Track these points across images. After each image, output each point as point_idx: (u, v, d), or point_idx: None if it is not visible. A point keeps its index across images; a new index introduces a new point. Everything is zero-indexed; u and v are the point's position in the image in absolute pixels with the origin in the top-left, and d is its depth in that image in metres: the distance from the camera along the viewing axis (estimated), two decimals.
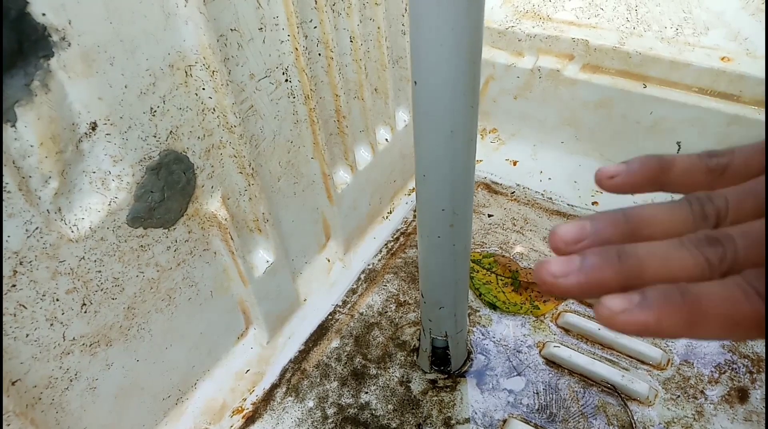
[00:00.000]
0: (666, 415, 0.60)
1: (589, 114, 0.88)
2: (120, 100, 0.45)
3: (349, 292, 0.76)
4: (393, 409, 0.63)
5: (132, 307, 0.53)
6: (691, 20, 0.83)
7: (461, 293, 0.57)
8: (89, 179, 0.46)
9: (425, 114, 0.42)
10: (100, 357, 0.51)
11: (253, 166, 0.58)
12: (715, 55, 0.77)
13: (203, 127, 0.53)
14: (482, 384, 0.64)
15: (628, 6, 0.88)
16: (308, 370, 0.67)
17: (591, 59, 0.85)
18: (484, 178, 0.92)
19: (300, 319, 0.73)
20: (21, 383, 0.45)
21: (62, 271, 0.45)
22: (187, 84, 0.50)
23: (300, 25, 0.58)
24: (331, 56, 0.64)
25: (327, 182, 0.72)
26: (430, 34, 0.38)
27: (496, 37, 0.92)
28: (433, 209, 0.49)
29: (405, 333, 0.71)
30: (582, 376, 0.64)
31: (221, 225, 0.58)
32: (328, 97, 0.67)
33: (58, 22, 0.39)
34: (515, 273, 0.76)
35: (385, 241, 0.83)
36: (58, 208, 0.44)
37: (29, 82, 0.39)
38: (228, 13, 0.52)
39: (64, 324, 0.47)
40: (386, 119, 0.80)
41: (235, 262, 0.62)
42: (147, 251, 0.52)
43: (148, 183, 0.49)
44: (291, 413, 0.63)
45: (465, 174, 0.46)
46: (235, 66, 0.54)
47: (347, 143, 0.72)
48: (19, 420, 0.45)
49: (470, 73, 0.40)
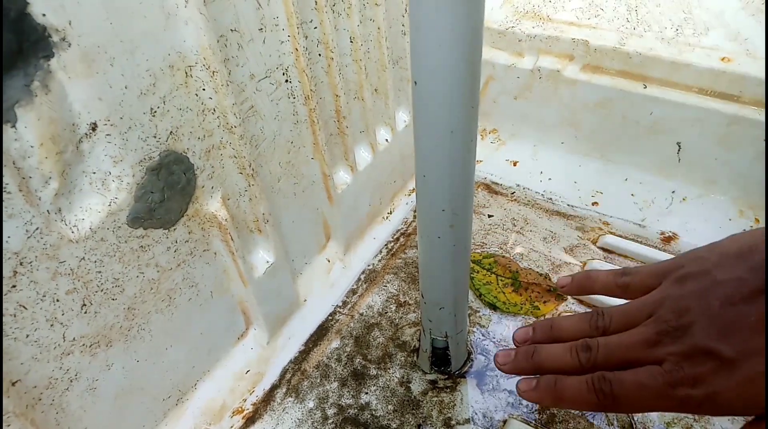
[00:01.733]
0: (666, 415, 0.60)
1: (590, 114, 0.88)
2: (120, 100, 0.45)
3: (349, 292, 0.76)
4: (393, 410, 0.63)
5: (132, 307, 0.53)
6: (691, 21, 0.83)
7: (461, 294, 0.57)
8: (89, 180, 0.46)
9: (425, 114, 0.42)
10: (100, 357, 0.51)
11: (253, 167, 0.58)
12: (715, 55, 0.77)
13: (203, 128, 0.53)
14: (482, 384, 0.64)
15: (628, 6, 0.88)
16: (308, 371, 0.67)
17: (591, 60, 0.85)
18: (484, 178, 0.92)
19: (300, 319, 0.73)
20: (21, 384, 0.45)
21: (62, 272, 0.45)
22: (187, 84, 0.50)
23: (300, 26, 0.58)
24: (331, 57, 0.64)
25: (327, 183, 0.72)
26: (430, 35, 0.38)
27: (496, 38, 0.92)
28: (433, 210, 0.48)
29: (405, 333, 0.71)
30: None
31: (221, 225, 0.58)
32: (328, 98, 0.67)
33: (58, 23, 0.39)
34: (515, 273, 0.76)
35: (385, 241, 0.83)
36: (58, 208, 0.44)
37: (29, 82, 0.39)
38: (228, 14, 0.52)
39: (64, 324, 0.47)
40: (386, 120, 0.80)
41: (235, 263, 0.62)
42: (147, 252, 0.52)
43: (149, 183, 0.49)
44: (291, 414, 0.63)
45: (465, 174, 0.46)
46: (236, 66, 0.54)
47: (347, 144, 0.72)
48: (19, 420, 0.45)
49: (470, 74, 0.40)
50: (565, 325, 0.39)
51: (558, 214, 0.85)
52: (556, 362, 0.37)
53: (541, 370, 0.37)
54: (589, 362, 0.35)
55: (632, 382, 0.32)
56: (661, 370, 0.31)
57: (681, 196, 0.84)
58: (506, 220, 0.85)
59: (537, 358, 0.38)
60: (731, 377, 0.29)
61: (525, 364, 0.38)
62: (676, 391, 0.30)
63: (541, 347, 0.38)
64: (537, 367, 0.38)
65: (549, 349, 0.38)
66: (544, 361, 0.37)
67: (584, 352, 0.35)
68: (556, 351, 0.37)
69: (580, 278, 0.43)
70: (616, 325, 0.36)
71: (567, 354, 0.36)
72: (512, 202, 0.88)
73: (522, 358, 0.39)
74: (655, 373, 0.31)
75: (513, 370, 0.39)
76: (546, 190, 0.89)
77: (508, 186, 0.91)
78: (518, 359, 0.39)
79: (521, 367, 0.39)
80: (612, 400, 0.32)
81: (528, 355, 0.38)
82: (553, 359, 0.37)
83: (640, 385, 0.31)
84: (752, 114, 0.75)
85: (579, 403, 0.34)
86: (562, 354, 0.37)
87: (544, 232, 0.82)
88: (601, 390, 0.33)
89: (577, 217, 0.84)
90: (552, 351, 0.37)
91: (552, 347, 0.38)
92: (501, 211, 0.86)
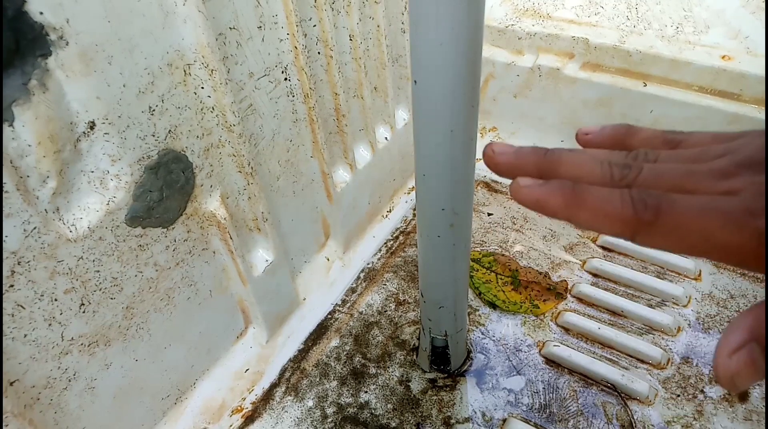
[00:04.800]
0: (666, 414, 0.60)
1: (589, 112, 0.88)
2: (118, 99, 0.45)
3: (348, 291, 0.76)
4: (392, 409, 0.62)
5: (131, 306, 0.53)
6: (691, 18, 0.83)
7: (461, 292, 0.57)
8: (87, 179, 0.45)
9: (425, 113, 0.42)
10: (99, 357, 0.51)
11: (252, 165, 0.58)
12: (715, 53, 0.77)
13: (202, 126, 0.53)
14: (482, 383, 0.64)
15: (628, 4, 0.87)
16: (307, 370, 0.67)
17: (591, 57, 0.85)
18: (484, 176, 0.92)
19: (299, 318, 0.73)
20: (19, 383, 0.45)
21: (60, 271, 0.45)
22: (185, 83, 0.50)
23: (299, 24, 0.58)
24: (331, 55, 0.64)
25: (326, 181, 0.72)
26: (429, 33, 0.37)
27: (496, 36, 0.92)
28: (433, 208, 0.48)
29: (404, 332, 0.70)
30: (582, 375, 0.64)
31: (220, 224, 0.57)
32: (328, 96, 0.67)
33: (56, 21, 0.39)
34: (515, 272, 0.76)
35: (385, 240, 0.83)
36: (56, 207, 0.44)
37: (27, 81, 0.39)
38: (227, 12, 0.51)
39: (62, 324, 0.47)
40: (386, 118, 0.80)
41: (234, 262, 0.61)
42: (146, 251, 0.52)
43: (147, 182, 0.49)
44: (290, 412, 0.63)
45: (465, 173, 0.46)
46: (234, 65, 0.54)
47: (346, 142, 0.72)
48: (17, 420, 0.45)
49: (470, 72, 0.40)
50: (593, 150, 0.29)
51: None
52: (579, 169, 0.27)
53: (555, 173, 0.27)
54: (625, 180, 0.25)
55: (691, 203, 0.23)
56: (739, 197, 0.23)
57: None
58: (506, 219, 0.84)
59: (552, 158, 0.27)
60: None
61: (534, 161, 0.28)
62: (756, 220, 0.22)
63: (560, 149, 0.28)
64: (549, 167, 0.27)
65: (571, 153, 0.27)
66: (563, 165, 0.27)
67: (621, 167, 0.26)
68: (580, 157, 0.27)
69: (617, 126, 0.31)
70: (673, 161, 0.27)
71: (596, 164, 0.26)
72: (512, 201, 0.88)
73: (531, 151, 0.28)
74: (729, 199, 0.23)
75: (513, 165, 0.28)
76: None
77: (508, 184, 0.90)
78: (523, 152, 0.28)
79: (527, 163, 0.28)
80: (654, 217, 0.23)
81: (539, 152, 0.28)
82: (577, 167, 0.27)
83: (703, 207, 0.23)
84: (752, 112, 0.75)
85: (605, 215, 0.24)
86: (589, 161, 0.27)
87: (543, 230, 0.82)
88: (642, 201, 0.23)
89: None
90: (575, 156, 0.27)
91: (575, 152, 0.28)
92: (500, 210, 0.86)
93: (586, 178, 0.26)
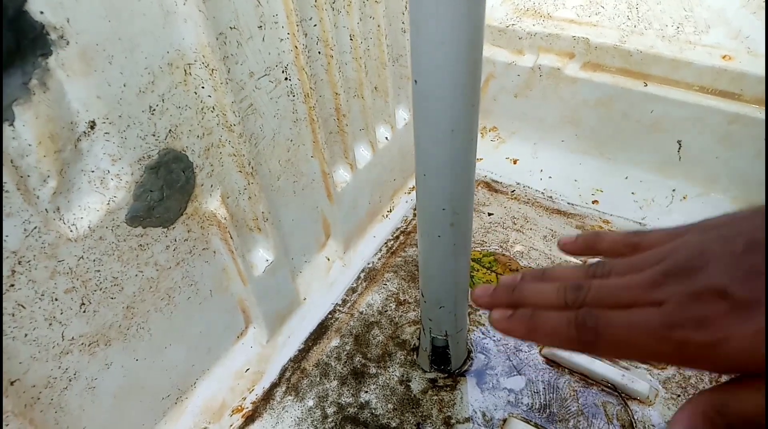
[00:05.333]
0: (667, 414, 0.60)
1: (590, 112, 0.88)
2: (119, 98, 0.45)
3: (348, 290, 0.76)
4: (393, 408, 0.62)
5: (131, 306, 0.53)
6: (692, 18, 0.83)
7: (461, 292, 0.57)
8: (88, 178, 0.45)
9: (426, 113, 0.42)
10: (99, 356, 0.51)
11: (252, 165, 0.58)
12: (716, 53, 0.77)
13: (202, 126, 0.53)
14: (482, 383, 0.64)
15: (629, 4, 0.87)
16: (308, 369, 0.67)
17: (592, 57, 0.85)
18: (485, 176, 0.92)
19: (300, 318, 0.73)
20: (20, 383, 0.45)
21: (61, 271, 0.45)
22: (186, 82, 0.50)
23: (299, 23, 0.58)
24: (331, 54, 0.64)
25: (327, 181, 0.72)
26: (430, 33, 0.37)
27: (497, 35, 0.92)
28: (434, 208, 0.48)
29: (405, 332, 0.70)
30: (582, 375, 0.64)
31: (220, 224, 0.57)
32: (328, 96, 0.67)
33: (57, 21, 0.39)
34: (515, 272, 0.76)
35: (385, 239, 0.83)
36: (56, 207, 0.44)
37: (27, 80, 0.39)
38: (227, 11, 0.51)
39: (62, 323, 0.47)
40: (386, 118, 0.80)
41: (235, 261, 0.61)
42: (146, 250, 0.52)
43: (147, 182, 0.49)
44: (291, 412, 0.63)
45: (465, 173, 0.46)
46: (235, 64, 0.54)
47: (347, 142, 0.72)
48: (17, 420, 0.45)
49: (471, 72, 0.40)
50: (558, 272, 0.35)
51: (558, 212, 0.85)
52: (540, 299, 0.33)
53: (522, 306, 0.33)
54: (576, 302, 0.30)
55: (621, 320, 0.27)
56: (660, 310, 0.27)
57: (681, 195, 0.84)
58: (506, 219, 0.84)
59: (518, 294, 0.34)
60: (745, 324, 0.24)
61: (504, 298, 0.34)
62: (673, 332, 0.26)
63: (525, 283, 0.35)
64: (517, 302, 0.34)
65: (534, 286, 0.34)
66: (526, 297, 0.33)
67: (574, 291, 0.31)
68: (541, 288, 0.33)
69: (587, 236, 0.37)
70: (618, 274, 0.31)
71: (553, 292, 0.32)
72: (512, 201, 0.88)
73: (502, 291, 0.35)
74: (651, 312, 0.27)
75: (490, 303, 0.35)
76: (546, 188, 0.89)
77: (508, 184, 0.90)
78: (497, 292, 0.35)
79: (500, 300, 0.35)
80: (594, 337, 0.28)
81: (509, 288, 0.34)
82: (537, 296, 0.33)
83: (630, 324, 0.27)
84: (753, 112, 0.74)
85: (556, 338, 0.30)
86: (548, 291, 0.32)
87: (544, 230, 0.82)
88: (583, 324, 0.28)
89: (577, 215, 0.84)
90: (537, 287, 0.33)
91: (538, 285, 0.34)
92: (501, 210, 0.86)
93: (545, 304, 0.32)
